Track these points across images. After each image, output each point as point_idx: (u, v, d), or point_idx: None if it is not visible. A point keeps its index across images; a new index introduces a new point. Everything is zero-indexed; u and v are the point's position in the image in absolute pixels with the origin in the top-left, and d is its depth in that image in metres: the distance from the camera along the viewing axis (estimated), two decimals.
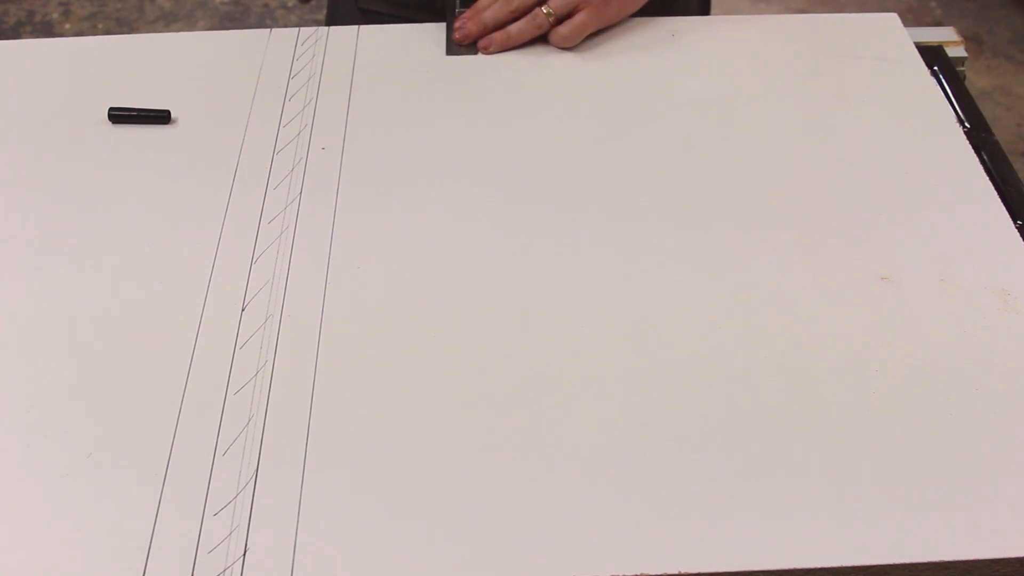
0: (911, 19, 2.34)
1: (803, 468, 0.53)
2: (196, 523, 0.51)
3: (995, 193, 0.69)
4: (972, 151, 0.72)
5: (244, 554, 0.50)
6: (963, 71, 0.84)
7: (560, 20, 0.81)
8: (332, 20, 1.01)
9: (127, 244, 0.66)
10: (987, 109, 2.08)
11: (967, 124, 0.77)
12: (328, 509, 0.51)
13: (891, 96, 0.77)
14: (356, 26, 0.84)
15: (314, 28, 0.84)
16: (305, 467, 0.53)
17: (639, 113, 0.76)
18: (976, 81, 2.17)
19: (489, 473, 0.53)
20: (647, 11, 0.85)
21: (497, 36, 0.81)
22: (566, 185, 0.70)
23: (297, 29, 0.84)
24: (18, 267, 0.65)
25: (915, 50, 0.81)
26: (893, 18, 0.85)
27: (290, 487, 0.52)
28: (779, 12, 2.30)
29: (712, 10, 1.03)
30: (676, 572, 0.49)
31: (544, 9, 0.80)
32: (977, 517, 0.50)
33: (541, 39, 0.82)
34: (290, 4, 2.27)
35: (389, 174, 0.71)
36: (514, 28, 0.81)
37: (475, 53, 0.82)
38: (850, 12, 0.87)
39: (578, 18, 0.80)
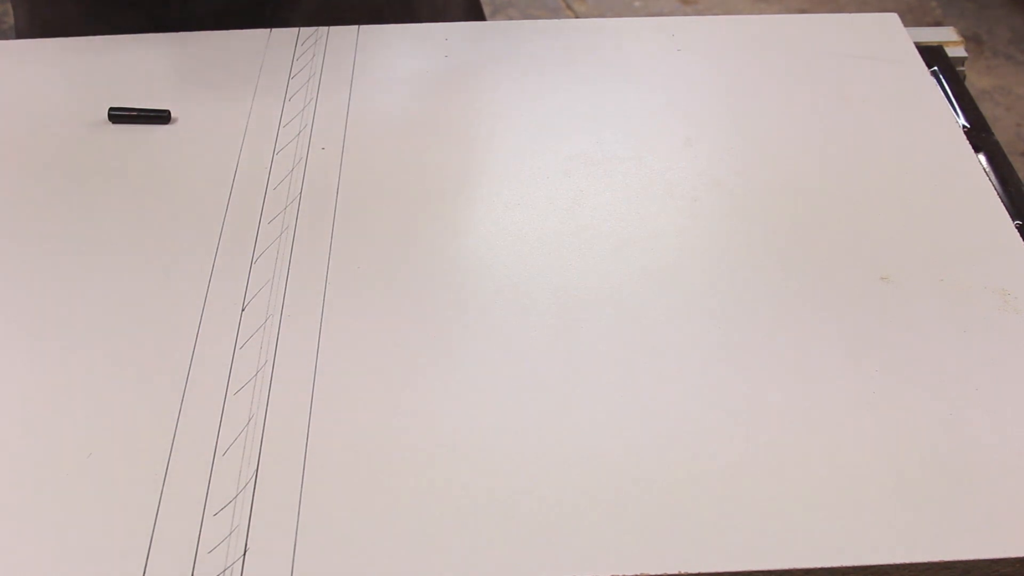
0: (911, 19, 2.34)
1: (803, 468, 0.53)
2: (196, 523, 0.51)
3: (995, 193, 0.69)
4: (972, 151, 0.72)
5: (244, 554, 0.50)
6: (963, 71, 0.84)
7: None
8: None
9: (126, 244, 0.66)
10: (987, 109, 2.08)
11: (967, 124, 0.77)
12: (328, 509, 0.51)
13: (891, 96, 0.77)
14: (356, 26, 0.84)
15: (314, 28, 0.84)
16: (305, 467, 0.53)
17: (638, 113, 0.76)
18: (976, 81, 2.17)
19: (489, 473, 0.53)
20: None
21: None
22: (566, 184, 0.70)
23: (297, 29, 0.84)
24: (17, 266, 0.65)
25: (915, 50, 0.81)
26: (893, 18, 0.85)
27: (290, 487, 0.52)
28: (779, 12, 2.30)
29: (712, 10, 1.03)
30: (676, 572, 0.49)
31: None
32: (977, 517, 0.50)
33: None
34: None
35: (389, 174, 0.71)
36: None
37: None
38: (850, 12, 0.87)
39: None
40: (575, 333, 0.60)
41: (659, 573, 0.49)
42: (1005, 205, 0.68)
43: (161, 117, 0.75)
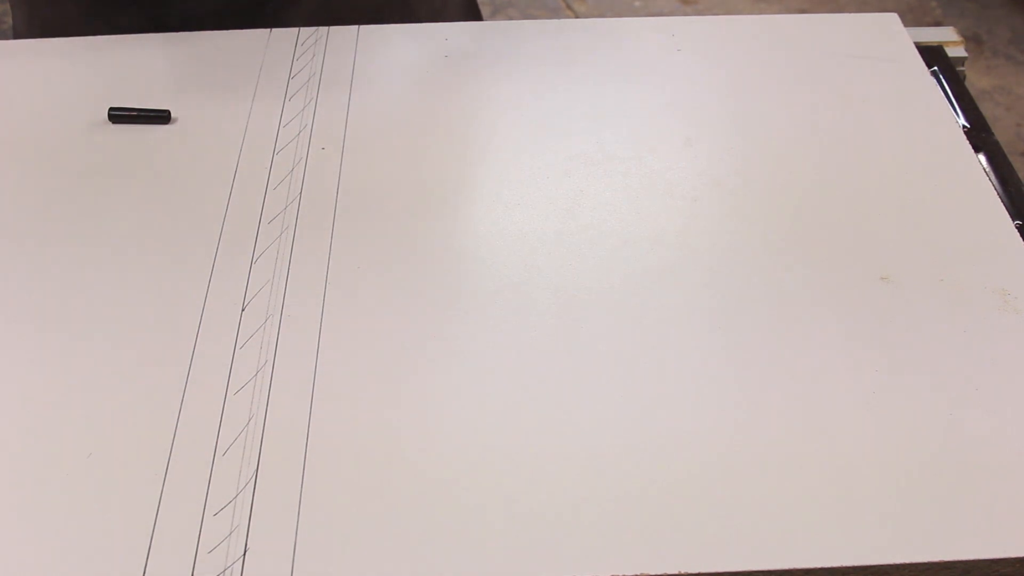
0: (911, 19, 2.34)
1: (803, 468, 0.53)
2: (196, 523, 0.51)
3: (995, 193, 0.69)
4: (972, 151, 0.72)
5: (244, 554, 0.50)
6: (963, 71, 0.84)
7: None
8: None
9: (126, 244, 0.66)
10: (987, 109, 2.08)
11: (967, 124, 0.77)
12: (328, 509, 0.51)
13: (891, 96, 0.77)
14: (356, 26, 0.84)
15: (314, 28, 0.84)
16: (305, 467, 0.53)
17: (638, 113, 0.76)
18: (976, 81, 2.18)
19: (489, 473, 0.53)
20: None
21: None
22: (567, 184, 0.70)
23: (297, 29, 0.84)
24: (17, 266, 0.65)
25: (915, 50, 0.81)
26: (893, 18, 0.85)
27: (290, 487, 0.52)
28: (779, 12, 2.30)
29: (712, 10, 1.03)
30: (676, 572, 0.49)
31: None
32: (977, 517, 0.50)
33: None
34: None
35: (389, 174, 0.71)
36: None
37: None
38: (850, 12, 0.87)
39: None
40: (575, 333, 0.60)
41: (659, 573, 0.49)
42: (1005, 205, 0.68)
43: (161, 117, 0.75)
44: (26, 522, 0.51)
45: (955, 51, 0.85)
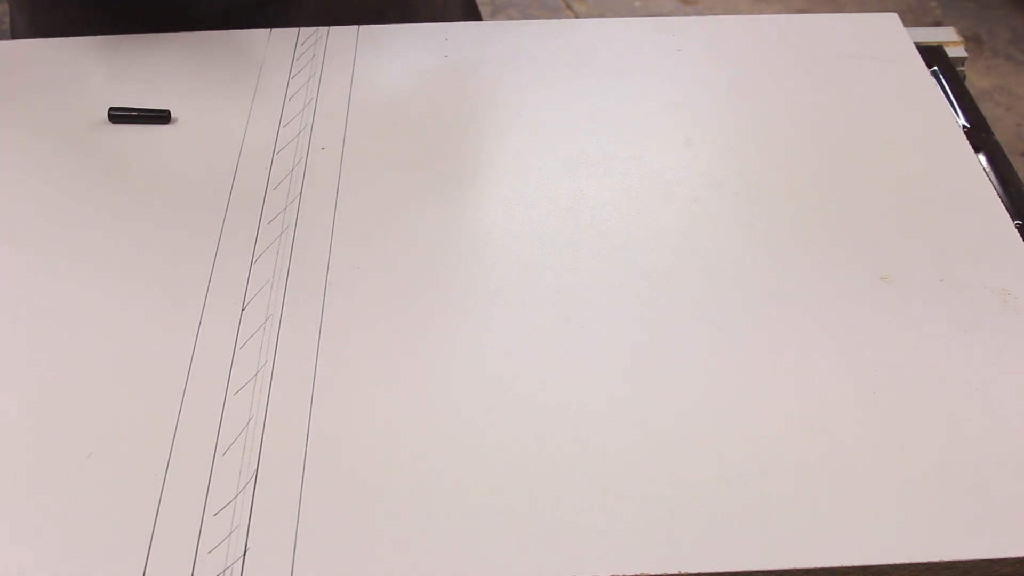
0: (911, 19, 2.34)
1: (803, 468, 0.53)
2: (196, 523, 0.51)
3: (995, 193, 0.69)
4: (972, 151, 0.72)
5: (244, 554, 0.50)
6: (963, 71, 0.84)
7: None
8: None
9: (126, 244, 0.66)
10: (987, 109, 2.08)
11: (967, 124, 0.77)
12: (328, 509, 0.51)
13: (891, 96, 0.77)
14: (356, 26, 0.84)
15: (314, 28, 0.84)
16: (305, 467, 0.53)
17: (638, 113, 0.76)
18: (976, 81, 2.18)
19: (489, 473, 0.53)
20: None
21: None
22: (567, 184, 0.70)
23: (297, 29, 0.84)
24: (17, 267, 0.65)
25: (915, 50, 0.81)
26: (893, 18, 0.85)
27: (290, 487, 0.52)
28: (779, 12, 2.30)
29: (712, 10, 1.03)
30: (676, 572, 0.49)
31: None
32: (977, 517, 0.50)
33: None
34: None
35: (389, 174, 0.71)
36: None
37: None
38: (850, 12, 0.87)
39: None
40: (575, 333, 0.60)
41: (659, 573, 0.49)
42: (1005, 205, 0.68)
43: (161, 117, 0.75)
44: (26, 522, 0.51)
45: (955, 51, 0.85)
